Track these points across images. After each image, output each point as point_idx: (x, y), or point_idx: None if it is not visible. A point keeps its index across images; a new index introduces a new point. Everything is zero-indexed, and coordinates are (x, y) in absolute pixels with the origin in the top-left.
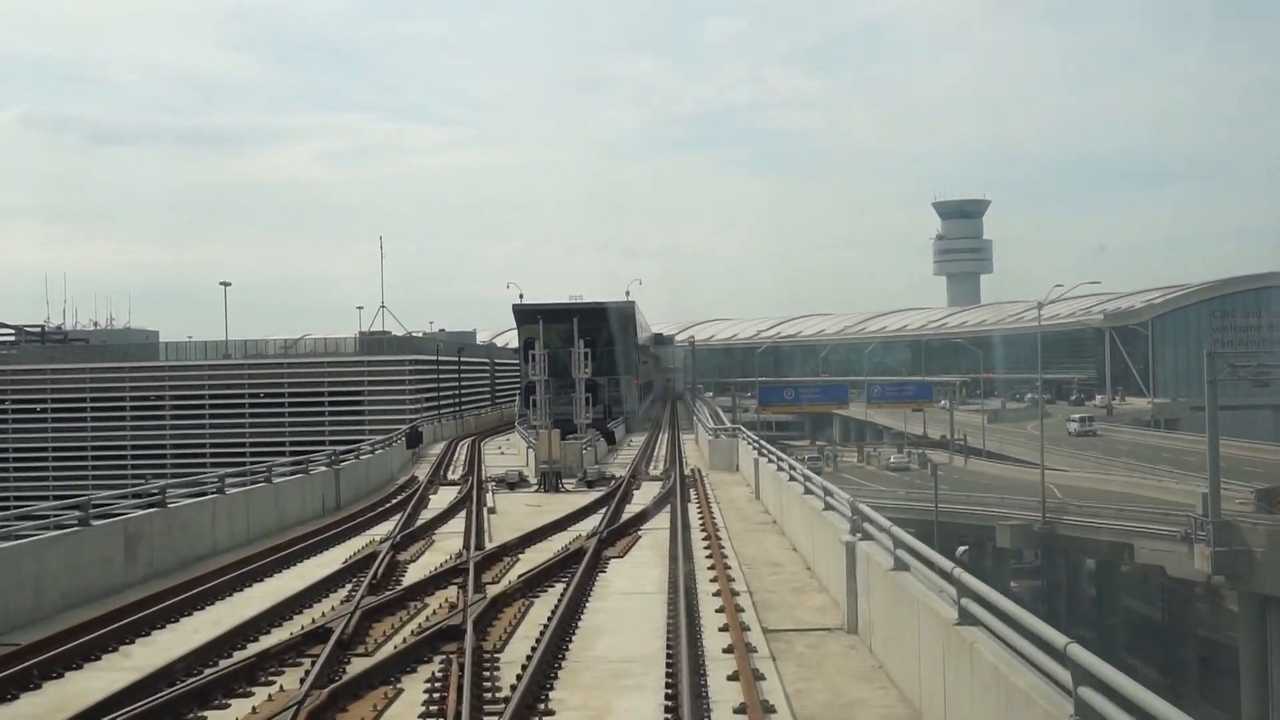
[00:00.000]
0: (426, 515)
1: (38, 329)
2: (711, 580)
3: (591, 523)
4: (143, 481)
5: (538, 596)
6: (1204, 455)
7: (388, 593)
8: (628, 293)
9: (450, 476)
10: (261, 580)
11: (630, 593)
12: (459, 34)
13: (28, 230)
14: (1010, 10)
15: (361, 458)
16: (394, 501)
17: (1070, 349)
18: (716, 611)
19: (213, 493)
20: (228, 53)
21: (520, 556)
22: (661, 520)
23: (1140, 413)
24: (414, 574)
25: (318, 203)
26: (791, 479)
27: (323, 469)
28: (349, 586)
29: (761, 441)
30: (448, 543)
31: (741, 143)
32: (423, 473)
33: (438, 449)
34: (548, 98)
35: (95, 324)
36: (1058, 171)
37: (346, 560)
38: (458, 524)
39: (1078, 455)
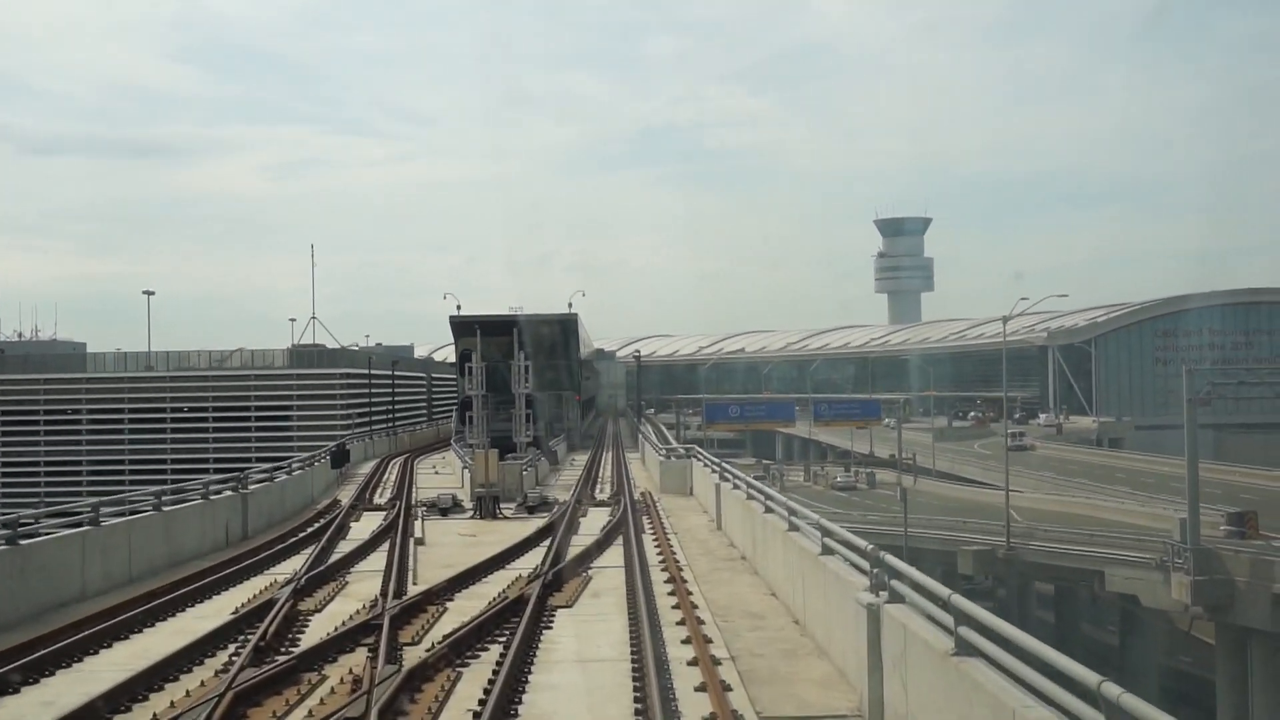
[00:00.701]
0: (344, 548)
1: None
2: (684, 641)
3: (533, 559)
4: (57, 502)
5: (467, 665)
6: (1160, 475)
7: (277, 660)
8: (570, 304)
9: (377, 500)
10: (125, 638)
11: (585, 659)
12: (403, 48)
13: None
14: (946, 33)
15: (276, 480)
16: (309, 531)
17: (1012, 366)
18: (696, 690)
19: (86, 524)
20: (169, 63)
21: (448, 604)
22: (614, 556)
23: (1085, 431)
24: (316, 630)
25: (258, 216)
26: (768, 510)
27: (228, 494)
28: (231, 648)
29: (724, 464)
30: (364, 585)
31: (682, 160)
32: (347, 496)
33: (368, 468)
34: (490, 113)
35: (20, 335)
36: (994, 191)
37: (237, 610)
38: (378, 560)
39: (1031, 475)
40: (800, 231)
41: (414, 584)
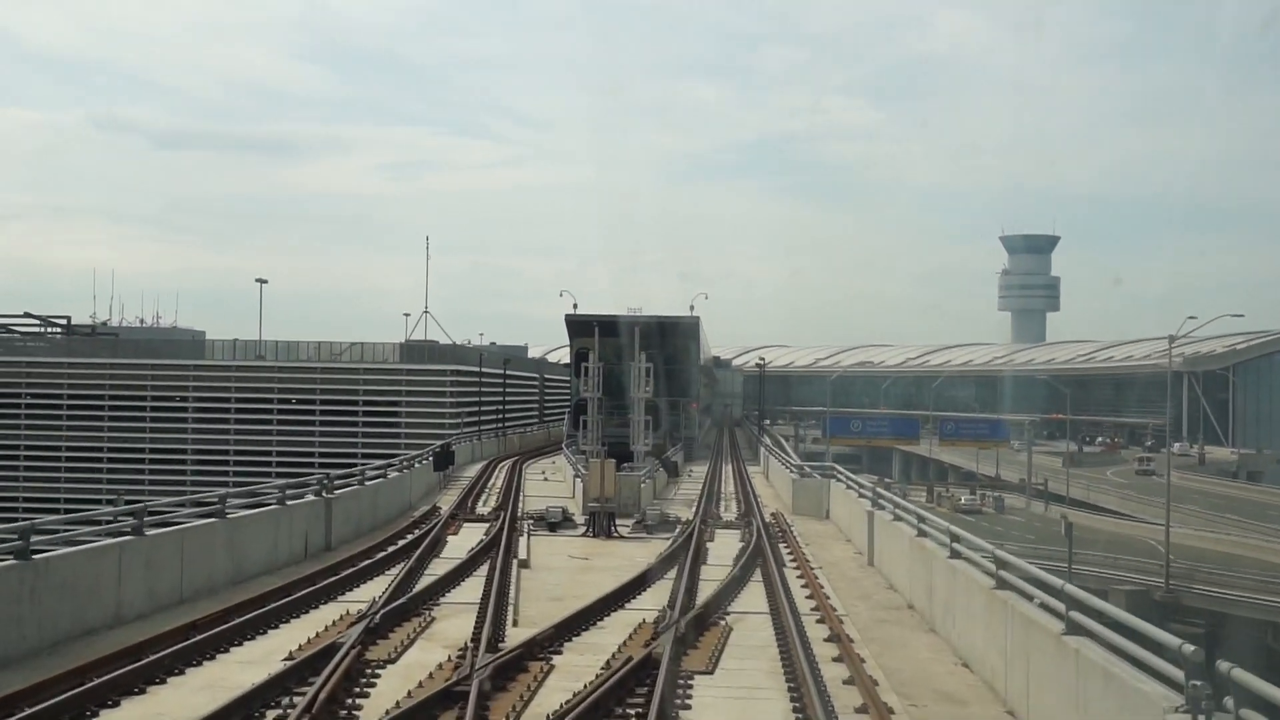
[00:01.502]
0: (436, 569)
1: (63, 320)
2: None
3: (658, 597)
4: (163, 492)
5: None
6: None
7: None
8: (692, 308)
9: (480, 509)
10: (140, 691)
11: None
12: (519, 53)
13: (90, 229)
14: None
15: (368, 483)
16: (399, 545)
17: (1145, 392)
18: None
19: (128, 532)
20: (291, 62)
21: (555, 660)
22: (755, 597)
23: (1223, 462)
24: (384, 694)
25: (373, 215)
26: (954, 554)
27: (310, 499)
28: (270, 717)
29: (879, 489)
30: (454, 623)
31: (798, 171)
32: (448, 503)
33: (473, 471)
34: (605, 119)
35: (141, 321)
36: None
37: (291, 655)
38: (474, 588)
39: (1178, 509)
40: (914, 247)
41: (514, 624)
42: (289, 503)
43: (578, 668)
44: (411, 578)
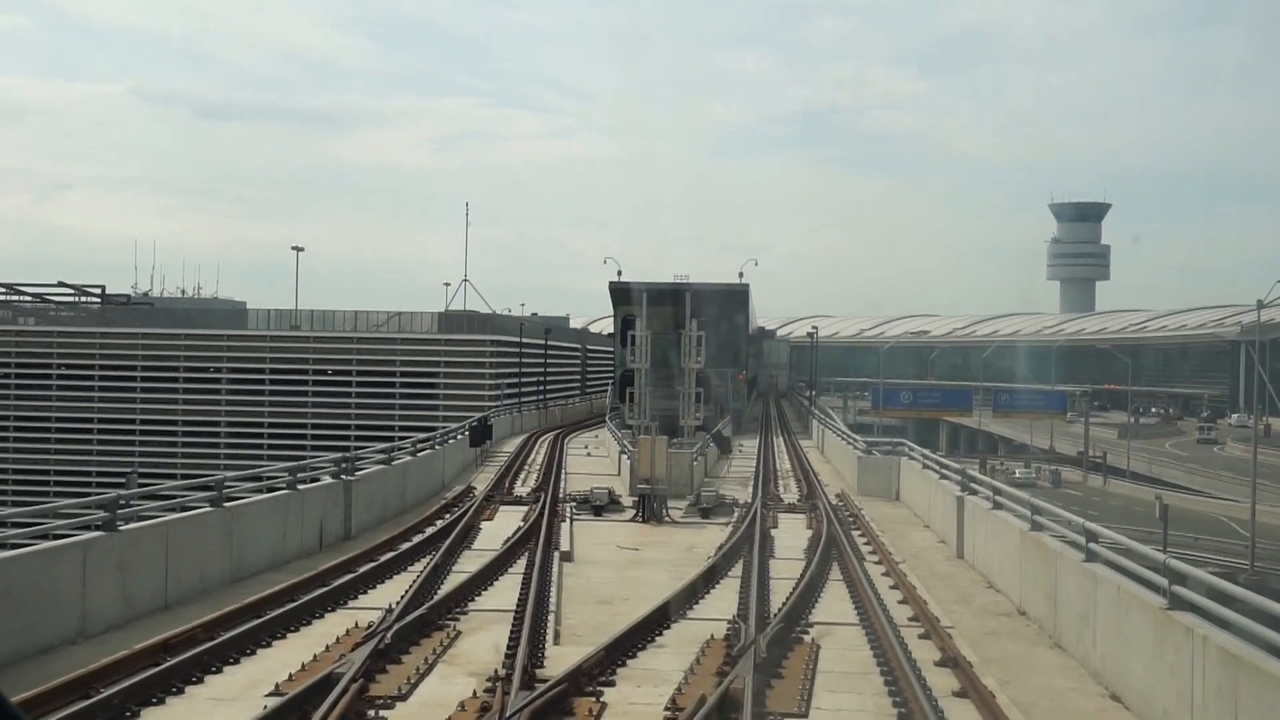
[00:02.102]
0: (466, 564)
1: (98, 290)
2: None
3: (723, 601)
4: (196, 471)
5: None
6: None
7: None
8: (740, 275)
9: (518, 490)
10: None
11: None
12: (565, 24)
13: (134, 201)
14: (1117, 20)
15: (395, 463)
16: (426, 533)
17: (1198, 363)
18: None
19: (95, 527)
20: (337, 33)
21: (606, 698)
22: (839, 601)
23: None
24: None
25: (418, 187)
26: (1089, 557)
27: (328, 481)
28: None
29: (969, 471)
30: (482, 640)
31: (842, 143)
32: (483, 482)
33: (513, 445)
34: (650, 90)
35: (182, 292)
36: (1168, 183)
37: (278, 687)
38: (509, 589)
39: (1247, 483)
40: (961, 218)
41: (555, 640)
42: (301, 487)
43: (636, 709)
44: (436, 576)
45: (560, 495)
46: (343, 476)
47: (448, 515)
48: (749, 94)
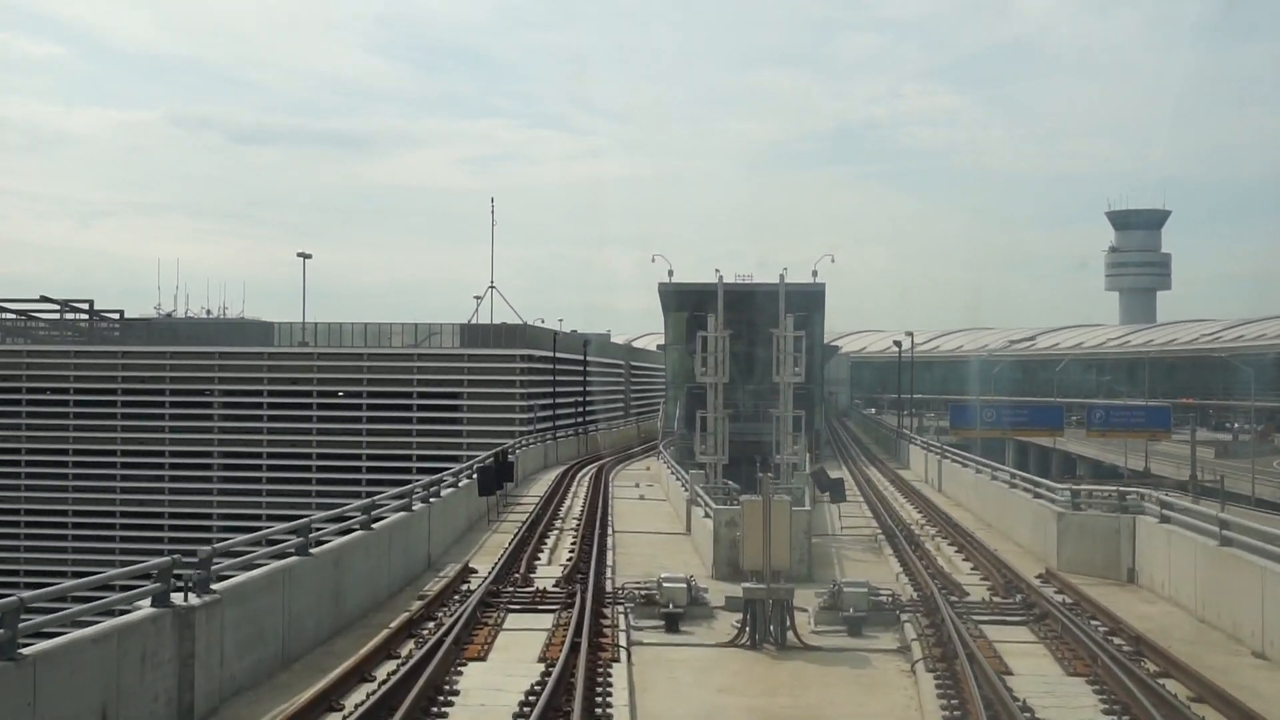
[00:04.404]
0: None
1: (85, 305)
2: None
3: None
4: (183, 515)
5: None
6: None
7: None
8: (815, 274)
9: (541, 570)
10: None
11: None
12: (598, 45)
13: (171, 225)
14: (1155, 32)
15: (320, 549)
16: (345, 714)
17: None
18: None
19: None
20: (371, 57)
21: None
22: None
23: None
24: None
25: (451, 207)
26: None
27: (145, 613)
28: None
29: None
30: None
31: (878, 159)
32: (491, 555)
33: (544, 484)
34: (685, 109)
35: (208, 312)
36: (1214, 195)
37: None
38: None
39: None
40: (1003, 232)
41: None
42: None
43: None
44: None
45: (608, 584)
46: (186, 597)
47: (408, 645)
48: (783, 111)
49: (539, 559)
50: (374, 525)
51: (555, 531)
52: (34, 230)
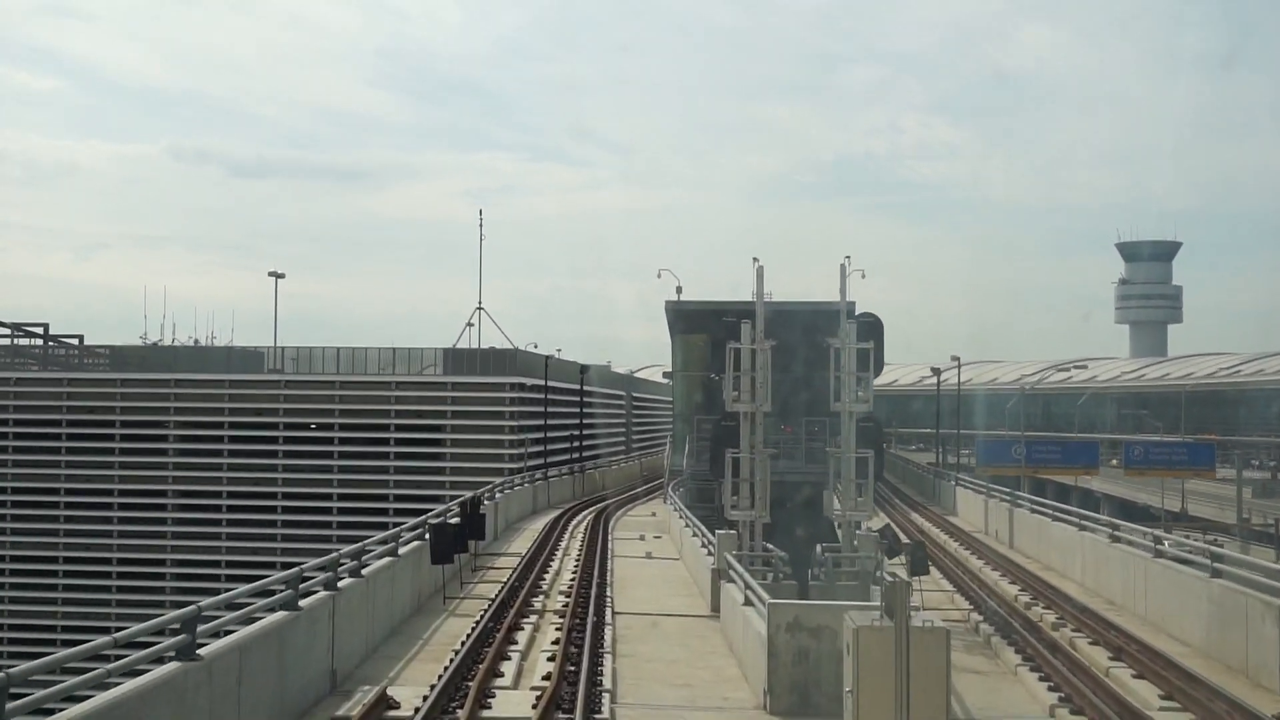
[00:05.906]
0: None
1: (39, 328)
2: None
3: None
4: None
5: None
6: None
7: None
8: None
9: (505, 691)
10: None
11: None
12: (599, 77)
13: (171, 258)
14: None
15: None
16: None
17: None
18: None
19: None
20: (372, 90)
21: None
22: None
23: None
24: None
25: (451, 240)
26: None
27: None
28: None
29: None
30: None
31: (879, 191)
32: (434, 662)
33: (528, 536)
34: (686, 141)
35: (195, 341)
36: (1217, 228)
37: None
38: None
39: None
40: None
41: None
42: None
43: None
44: None
45: None
46: None
47: None
48: (783, 144)
49: (500, 674)
50: (199, 652)
51: (534, 615)
52: (34, 263)
